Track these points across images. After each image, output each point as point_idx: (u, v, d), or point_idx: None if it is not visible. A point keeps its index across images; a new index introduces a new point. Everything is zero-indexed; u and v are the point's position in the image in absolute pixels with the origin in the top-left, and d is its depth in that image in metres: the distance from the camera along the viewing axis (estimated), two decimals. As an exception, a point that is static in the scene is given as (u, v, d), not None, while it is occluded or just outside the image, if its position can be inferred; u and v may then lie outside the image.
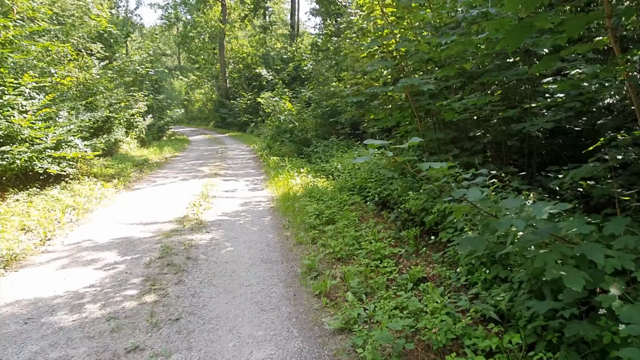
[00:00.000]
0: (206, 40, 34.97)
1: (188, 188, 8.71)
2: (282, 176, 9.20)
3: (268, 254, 4.91)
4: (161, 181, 9.69)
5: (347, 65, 12.39)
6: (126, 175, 10.11)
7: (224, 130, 29.68)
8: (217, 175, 10.35)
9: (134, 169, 11.30)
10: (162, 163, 12.87)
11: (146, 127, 16.91)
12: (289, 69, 22.52)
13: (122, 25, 24.36)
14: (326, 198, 7.16)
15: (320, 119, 13.45)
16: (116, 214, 6.80)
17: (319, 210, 6.35)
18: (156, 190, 8.60)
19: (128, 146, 14.95)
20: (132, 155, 13.37)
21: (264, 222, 6.21)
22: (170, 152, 15.64)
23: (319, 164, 10.57)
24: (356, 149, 10.44)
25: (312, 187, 7.89)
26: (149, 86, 20.88)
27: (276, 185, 8.55)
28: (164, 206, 7.17)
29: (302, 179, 8.91)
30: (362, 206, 6.84)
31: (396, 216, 5.96)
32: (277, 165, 11.05)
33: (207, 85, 40.60)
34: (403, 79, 5.39)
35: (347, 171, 8.94)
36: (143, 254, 4.90)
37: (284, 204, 7.11)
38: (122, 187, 8.95)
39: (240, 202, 7.49)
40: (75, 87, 11.71)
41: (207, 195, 7.87)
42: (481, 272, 3.65)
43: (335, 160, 10.12)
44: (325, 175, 9.53)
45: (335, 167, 9.55)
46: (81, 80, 11.74)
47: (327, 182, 8.69)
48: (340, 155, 10.57)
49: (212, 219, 6.37)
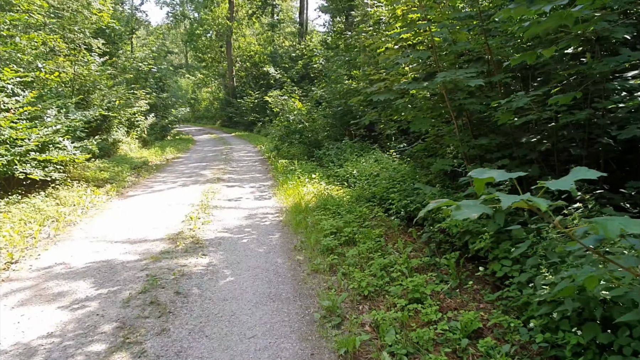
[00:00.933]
0: (213, 38, 34.12)
1: (187, 196, 7.78)
2: (292, 182, 8.24)
3: (277, 287, 3.95)
4: (159, 187, 8.77)
5: (360, 62, 11.40)
6: (121, 180, 9.20)
7: (230, 130, 28.81)
8: (220, 180, 9.41)
9: (131, 172, 10.40)
10: (162, 166, 11.96)
11: (148, 127, 16.05)
12: (297, 67, 21.57)
13: (127, 22, 23.55)
14: (343, 210, 6.19)
15: (331, 119, 12.48)
16: (102, 227, 5.88)
17: (336, 227, 5.38)
18: (152, 198, 7.68)
19: (128, 147, 14.08)
20: (131, 156, 12.49)
21: (271, 241, 5.24)
22: (172, 153, 14.75)
23: (331, 169, 9.60)
24: (373, 153, 9.44)
25: (327, 197, 6.92)
26: (153, 84, 20.06)
27: (285, 194, 7.59)
28: (157, 219, 6.24)
29: (314, 186, 7.94)
30: (385, 220, 5.86)
31: (429, 236, 4.97)
32: (286, 170, 10.10)
33: (214, 83, 39.78)
34: (442, 72, 4.39)
35: (364, 178, 7.96)
36: (123, 285, 3.96)
37: (295, 217, 6.15)
38: (114, 194, 8.04)
39: (244, 214, 6.54)
40: (67, 83, 10.82)
41: (207, 206, 6.93)
42: (568, 333, 2.66)
43: (349, 165, 9.14)
44: (339, 182, 8.57)
45: (350, 172, 8.57)
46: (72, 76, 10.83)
47: (342, 190, 7.71)
48: (355, 159, 9.59)
49: (211, 236, 5.42)
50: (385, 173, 7.73)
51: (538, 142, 4.45)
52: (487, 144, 4.74)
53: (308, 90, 15.92)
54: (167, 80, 21.47)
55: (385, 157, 9.05)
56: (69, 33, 13.87)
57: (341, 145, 10.97)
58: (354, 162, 9.33)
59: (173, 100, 22.32)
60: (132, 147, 14.43)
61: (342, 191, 7.58)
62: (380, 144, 10.83)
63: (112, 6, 18.88)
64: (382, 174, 7.77)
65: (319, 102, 14.50)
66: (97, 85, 12.69)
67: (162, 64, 20.01)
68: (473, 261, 4.31)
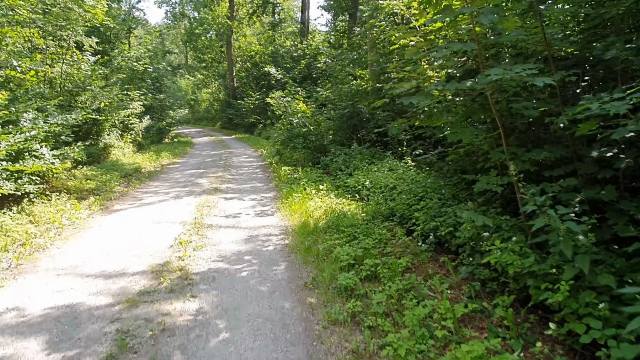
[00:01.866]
0: (213, 37, 33.17)
1: (179, 211, 6.83)
2: (297, 195, 7.28)
3: (285, 348, 3.00)
4: (149, 199, 7.81)
5: (370, 61, 10.45)
6: (108, 191, 8.25)
7: (230, 132, 27.86)
8: (218, 191, 8.45)
9: (121, 181, 9.45)
10: (156, 173, 11.00)
11: (143, 130, 15.09)
12: (300, 67, 20.62)
13: (123, 20, 22.58)
14: (359, 232, 5.23)
15: (337, 122, 11.53)
16: (75, 254, 4.92)
17: (354, 256, 4.42)
18: (139, 214, 6.72)
19: (121, 151, 13.13)
20: (123, 162, 11.54)
21: (276, 275, 4.28)
22: (168, 158, 13.79)
23: (340, 178, 8.64)
24: (387, 161, 8.48)
25: (338, 214, 5.97)
26: (150, 85, 19.12)
27: (290, 209, 6.63)
28: (141, 242, 5.28)
29: (323, 199, 6.99)
30: (409, 245, 4.91)
31: (470, 272, 4.02)
32: (290, 179, 9.14)
33: (214, 84, 38.82)
34: (494, 69, 3.43)
35: (378, 190, 7.01)
36: (84, 348, 3.00)
37: (303, 239, 5.20)
38: (97, 209, 7.08)
39: (243, 235, 5.58)
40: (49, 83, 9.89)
41: (200, 224, 5.97)
42: None
43: (360, 174, 8.19)
44: (350, 194, 7.62)
45: (362, 183, 7.62)
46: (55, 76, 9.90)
47: (355, 204, 6.76)
48: (366, 167, 8.64)
49: (204, 267, 4.46)
50: (403, 185, 6.78)
51: (615, 156, 3.49)
52: (545, 157, 3.78)
53: (312, 91, 14.98)
54: (164, 80, 20.51)
55: (400, 166, 8.10)
56: (58, 30, 12.95)
57: (349, 152, 10.02)
58: (365, 171, 8.37)
59: (171, 102, 21.37)
60: (125, 151, 13.48)
61: (354, 206, 6.62)
62: (392, 149, 9.89)
63: (107, 3, 17.97)
64: (399, 186, 6.82)
65: (322, 104, 13.56)
66: (87, 85, 11.75)
67: (158, 63, 19.05)
68: (535, 309, 3.36)
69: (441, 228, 4.82)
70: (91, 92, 11.81)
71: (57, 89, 11.06)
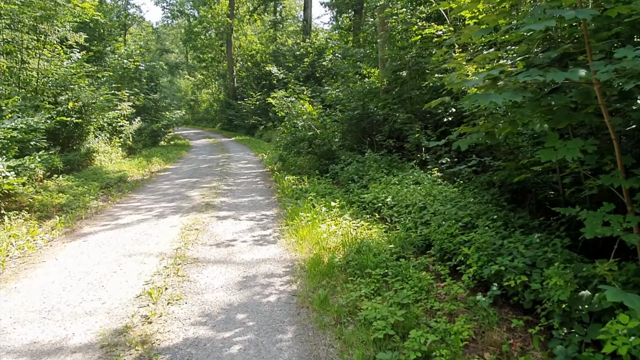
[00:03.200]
0: (213, 36, 31.82)
1: (160, 237, 5.46)
2: (305, 215, 5.93)
3: None
4: (127, 218, 6.45)
5: (388, 55, 9.04)
6: (80, 207, 6.90)
7: (230, 134, 26.52)
8: (210, 207, 7.08)
9: (99, 193, 8.09)
10: (142, 182, 9.63)
11: (134, 132, 13.73)
12: (304, 65, 19.26)
13: (117, 16, 21.23)
14: (391, 274, 3.88)
15: (347, 125, 10.16)
16: (4, 307, 3.56)
17: (392, 322, 3.06)
18: (109, 242, 5.35)
19: (108, 157, 11.78)
20: (107, 170, 10.18)
21: (281, 352, 2.92)
22: (159, 164, 12.41)
23: (354, 191, 7.28)
24: (412, 172, 7.09)
25: (359, 245, 4.60)
26: (145, 84, 17.78)
27: (297, 235, 5.26)
28: (100, 289, 3.91)
29: (337, 221, 5.63)
30: (463, 296, 3.56)
31: (571, 358, 2.66)
32: (295, 191, 7.79)
33: (214, 84, 37.47)
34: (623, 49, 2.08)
35: (405, 210, 5.66)
36: None
37: (316, 284, 3.85)
38: (61, 232, 5.72)
39: (237, 275, 4.22)
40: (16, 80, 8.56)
41: (183, 259, 4.61)
42: None
43: (377, 187, 6.83)
44: (368, 212, 6.27)
45: (382, 199, 6.26)
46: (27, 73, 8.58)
47: (376, 227, 5.40)
48: (384, 178, 7.27)
49: (177, 337, 3.09)
50: (436, 204, 5.42)
51: None
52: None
53: (318, 91, 13.62)
54: (160, 79, 19.15)
55: (427, 179, 6.73)
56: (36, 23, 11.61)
57: (362, 159, 8.64)
58: (383, 184, 7.01)
59: (167, 102, 20.01)
60: (113, 157, 12.13)
61: (377, 231, 5.26)
62: (411, 157, 8.53)
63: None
64: (431, 205, 5.47)
65: (328, 105, 12.21)
66: (69, 84, 10.41)
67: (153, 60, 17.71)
68: None
69: (508, 275, 3.46)
70: (72, 92, 10.47)
71: (32, 87, 9.73)
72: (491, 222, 4.41)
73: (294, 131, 10.41)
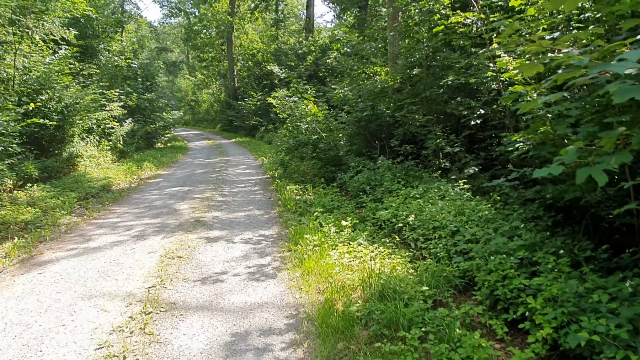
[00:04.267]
0: (213, 35, 30.75)
1: (133, 268, 4.41)
2: (312, 238, 4.87)
3: None
4: (99, 240, 5.39)
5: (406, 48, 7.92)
6: (50, 224, 5.85)
7: (230, 135, 25.49)
8: (200, 224, 6.02)
9: (76, 205, 7.04)
10: (128, 192, 8.57)
11: (125, 135, 12.66)
12: (307, 63, 18.19)
13: (113, 12, 20.16)
14: (432, 339, 2.83)
15: (355, 127, 9.10)
16: None
17: None
18: (69, 274, 4.30)
19: (95, 162, 10.74)
20: (90, 177, 9.13)
21: None
22: (150, 170, 11.35)
23: (367, 205, 6.22)
24: (439, 186, 5.99)
25: (383, 287, 3.54)
26: (140, 83, 16.73)
27: (303, 268, 4.20)
28: (36, 357, 2.87)
29: (351, 248, 4.58)
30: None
31: None
32: (298, 204, 6.72)
33: (214, 84, 36.40)
34: None
35: (432, 231, 4.60)
36: None
37: (329, 350, 2.80)
38: (15, 260, 4.67)
39: (224, 332, 3.16)
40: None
41: (156, 304, 3.55)
42: None
43: (394, 201, 5.77)
44: (385, 232, 5.21)
45: (401, 217, 5.18)
46: None
47: (399, 256, 4.33)
48: (402, 190, 6.20)
49: None
50: (473, 228, 4.37)
51: None
52: None
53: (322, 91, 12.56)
54: (156, 79, 18.09)
55: (453, 192, 5.66)
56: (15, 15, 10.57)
57: (374, 167, 7.57)
58: (401, 197, 5.94)
59: (164, 102, 18.95)
60: (101, 161, 11.09)
61: (399, 260, 4.20)
62: (428, 164, 7.48)
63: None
64: (465, 228, 4.41)
65: (333, 106, 11.15)
66: (50, 83, 9.37)
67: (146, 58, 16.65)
68: None
69: (607, 350, 2.40)
70: (54, 91, 9.43)
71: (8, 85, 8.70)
72: (553, 259, 3.36)
73: (296, 134, 9.34)
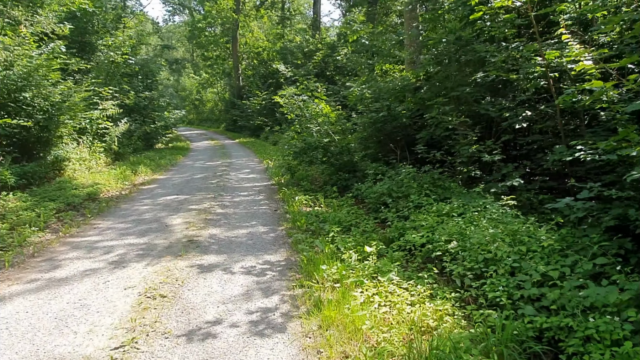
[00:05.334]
0: (217, 32, 29.75)
1: (100, 311, 3.39)
2: (329, 270, 3.84)
3: None
4: (70, 267, 4.38)
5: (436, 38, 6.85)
6: (16, 244, 4.86)
7: (234, 135, 24.50)
8: (193, 245, 4.99)
9: (53, 219, 6.04)
10: (117, 201, 7.55)
11: (120, 135, 11.66)
12: (315, 60, 17.14)
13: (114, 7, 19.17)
14: None
15: (371, 129, 8.05)
16: None
17: None
18: (16, 323, 3.29)
19: (86, 165, 9.75)
20: (77, 183, 8.13)
21: None
22: (145, 174, 10.35)
23: (391, 222, 5.18)
24: (486, 205, 4.89)
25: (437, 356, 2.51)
26: (140, 80, 15.76)
27: (322, 318, 3.16)
28: None
29: (379, 285, 3.54)
30: None
31: None
32: (309, 219, 5.70)
33: (219, 83, 35.41)
34: None
35: (483, 264, 3.55)
36: None
37: None
38: (-45, 298, 3.68)
39: None
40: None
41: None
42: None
43: (427, 220, 4.74)
44: (418, 257, 4.18)
45: (439, 243, 4.14)
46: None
47: (444, 301, 3.29)
48: (433, 205, 5.15)
49: None
50: (538, 262, 3.33)
51: None
52: None
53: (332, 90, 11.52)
54: (156, 76, 17.09)
55: (496, 209, 4.60)
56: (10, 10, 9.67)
57: (395, 175, 6.52)
58: (433, 214, 4.90)
59: (165, 101, 17.97)
60: (93, 164, 10.10)
61: (447, 308, 3.16)
62: (454, 171, 6.43)
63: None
64: (528, 262, 3.37)
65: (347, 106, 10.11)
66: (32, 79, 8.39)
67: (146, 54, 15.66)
68: None
69: None
70: (39, 88, 8.45)
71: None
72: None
73: (305, 137, 8.31)
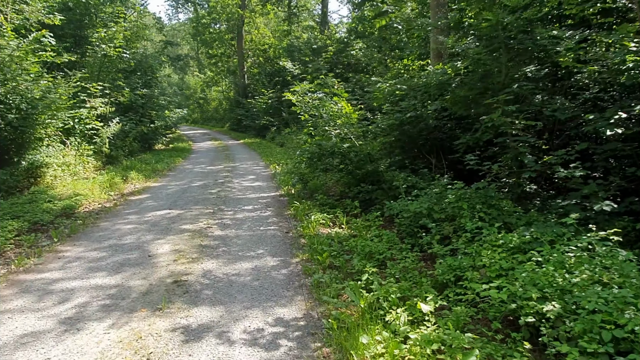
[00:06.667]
0: (222, 29, 28.51)
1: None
2: (375, 349, 2.55)
3: None
4: (7, 326, 3.11)
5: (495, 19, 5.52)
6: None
7: (239, 135, 23.25)
8: (179, 290, 3.70)
9: (10, 245, 4.77)
10: (96, 218, 6.25)
11: (112, 136, 10.40)
12: (327, 55, 15.82)
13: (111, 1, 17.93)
14: None
15: (397, 133, 6.76)
16: None
17: None
18: None
19: (71, 171, 8.50)
20: (55, 193, 6.87)
21: None
22: (137, 182, 9.07)
23: (436, 255, 3.87)
24: (567, 236, 3.55)
25: None
26: (139, 77, 14.52)
27: None
28: None
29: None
30: None
31: None
32: (331, 250, 4.40)
33: (224, 82, 34.15)
34: None
35: (612, 344, 2.23)
36: None
37: None
38: None
39: None
40: None
41: None
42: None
43: (493, 256, 3.43)
44: (495, 318, 2.86)
45: (529, 301, 2.82)
46: None
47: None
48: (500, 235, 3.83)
49: None
50: None
51: None
52: None
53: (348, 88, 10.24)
54: (156, 73, 15.85)
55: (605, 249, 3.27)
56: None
57: (431, 192, 5.18)
58: (499, 250, 3.58)
59: (166, 100, 16.73)
60: (79, 169, 8.84)
61: None
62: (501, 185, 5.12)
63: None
64: None
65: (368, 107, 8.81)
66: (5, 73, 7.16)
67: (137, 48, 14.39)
68: None
69: None
70: (12, 84, 7.22)
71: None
72: None
73: (320, 140, 7.00)
